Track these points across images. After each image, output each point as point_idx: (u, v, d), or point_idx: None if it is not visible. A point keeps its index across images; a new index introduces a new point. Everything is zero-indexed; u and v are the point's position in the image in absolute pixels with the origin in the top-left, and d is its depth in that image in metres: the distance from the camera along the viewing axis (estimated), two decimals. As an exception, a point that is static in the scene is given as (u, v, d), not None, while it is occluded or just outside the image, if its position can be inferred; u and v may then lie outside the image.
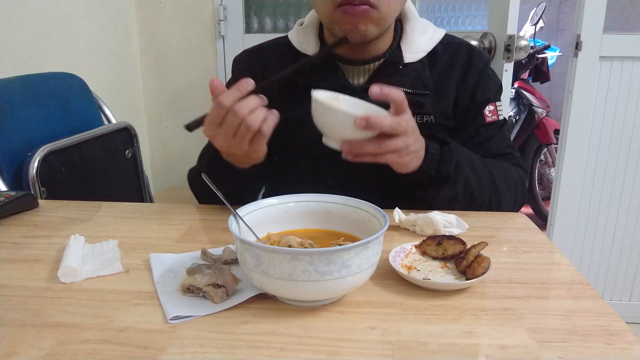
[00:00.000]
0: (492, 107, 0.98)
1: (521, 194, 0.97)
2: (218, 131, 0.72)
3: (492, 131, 0.98)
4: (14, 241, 0.78)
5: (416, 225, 0.79)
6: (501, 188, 0.91)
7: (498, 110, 0.99)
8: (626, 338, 0.52)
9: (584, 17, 1.75)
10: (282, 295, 0.58)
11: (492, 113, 0.98)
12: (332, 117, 0.70)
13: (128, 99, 2.36)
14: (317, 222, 0.70)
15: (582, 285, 0.64)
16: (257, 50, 1.05)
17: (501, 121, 0.99)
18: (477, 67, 0.97)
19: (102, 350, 0.50)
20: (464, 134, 0.98)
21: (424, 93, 0.93)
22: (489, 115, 0.97)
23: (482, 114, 0.97)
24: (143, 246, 0.75)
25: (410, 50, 0.94)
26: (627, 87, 1.82)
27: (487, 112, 0.97)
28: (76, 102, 1.43)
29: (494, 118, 0.98)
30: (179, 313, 0.56)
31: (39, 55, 1.71)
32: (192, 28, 2.38)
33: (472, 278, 0.62)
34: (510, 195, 0.93)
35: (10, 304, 0.59)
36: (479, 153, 0.95)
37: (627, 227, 1.97)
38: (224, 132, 0.71)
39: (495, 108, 0.98)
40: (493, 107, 0.98)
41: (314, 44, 0.96)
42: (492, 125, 0.98)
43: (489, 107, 0.97)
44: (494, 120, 0.98)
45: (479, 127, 0.97)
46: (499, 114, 0.98)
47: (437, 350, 0.51)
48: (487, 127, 0.97)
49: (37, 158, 1.16)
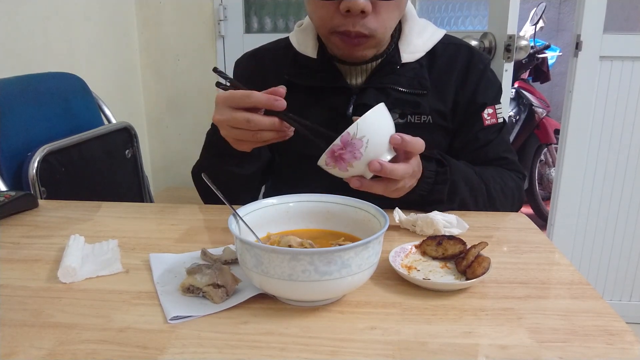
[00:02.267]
0: (492, 110, 0.98)
1: (518, 200, 0.98)
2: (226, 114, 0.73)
3: (490, 135, 0.98)
4: (14, 241, 0.78)
5: (416, 225, 0.79)
6: (497, 200, 0.93)
7: (497, 113, 0.99)
8: (626, 338, 0.52)
9: (584, 17, 1.76)
10: (282, 295, 0.58)
11: (491, 116, 0.98)
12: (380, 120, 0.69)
13: (128, 99, 2.36)
14: (317, 222, 0.70)
15: (582, 285, 0.64)
16: (256, 53, 1.05)
17: (500, 124, 0.99)
18: (477, 69, 0.97)
19: (102, 350, 0.50)
20: (462, 138, 0.98)
21: (421, 93, 0.93)
22: (487, 119, 0.97)
23: (481, 117, 0.97)
24: (143, 246, 0.75)
25: (408, 51, 0.94)
26: (627, 87, 1.83)
27: (486, 116, 0.97)
28: (76, 102, 1.43)
29: (493, 121, 0.98)
30: (179, 313, 0.56)
31: (39, 55, 1.71)
32: (192, 28, 2.38)
33: (472, 278, 0.62)
34: (507, 204, 0.95)
35: (10, 304, 0.59)
36: (476, 158, 0.96)
37: (627, 227, 1.97)
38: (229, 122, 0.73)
39: (495, 111, 0.98)
40: (492, 110, 0.98)
41: (312, 45, 0.96)
42: (491, 129, 0.98)
43: (488, 110, 0.97)
44: (493, 123, 0.98)
45: (477, 131, 0.97)
46: (497, 117, 0.99)
47: (437, 350, 0.51)
48: (486, 130, 0.98)
49: (37, 158, 1.16)
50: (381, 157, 0.69)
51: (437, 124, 0.95)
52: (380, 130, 0.69)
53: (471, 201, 0.89)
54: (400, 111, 0.93)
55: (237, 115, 0.71)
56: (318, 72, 0.94)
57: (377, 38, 0.86)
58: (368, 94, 0.92)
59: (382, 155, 0.70)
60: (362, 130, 0.66)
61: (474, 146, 0.98)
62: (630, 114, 1.85)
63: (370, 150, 0.68)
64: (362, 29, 0.83)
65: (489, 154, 0.98)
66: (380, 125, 0.69)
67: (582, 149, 1.90)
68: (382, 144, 0.69)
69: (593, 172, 1.93)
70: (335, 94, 0.94)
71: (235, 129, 0.73)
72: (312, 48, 0.96)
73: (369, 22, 0.83)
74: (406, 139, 0.69)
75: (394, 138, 0.69)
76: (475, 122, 0.97)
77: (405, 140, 0.69)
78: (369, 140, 0.67)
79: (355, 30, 0.83)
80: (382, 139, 0.69)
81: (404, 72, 0.93)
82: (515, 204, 0.97)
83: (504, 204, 0.94)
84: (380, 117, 0.69)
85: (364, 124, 0.66)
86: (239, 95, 0.71)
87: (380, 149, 0.69)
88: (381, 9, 0.83)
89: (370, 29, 0.83)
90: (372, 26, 0.83)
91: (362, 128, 0.66)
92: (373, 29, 0.83)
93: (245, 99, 0.71)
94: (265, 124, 0.71)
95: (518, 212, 0.91)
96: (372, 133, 0.67)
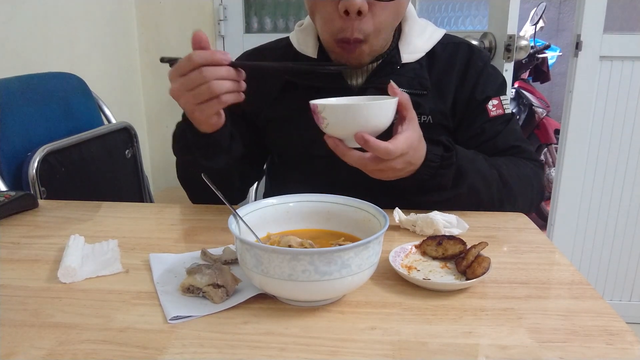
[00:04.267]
0: (497, 101, 0.96)
1: (538, 189, 0.95)
2: (179, 81, 0.73)
3: (498, 126, 0.96)
4: (14, 241, 0.78)
5: (416, 225, 0.79)
6: (515, 188, 0.89)
7: (503, 104, 0.96)
8: (626, 338, 0.52)
9: (584, 17, 1.76)
10: (282, 295, 0.58)
11: (497, 107, 0.96)
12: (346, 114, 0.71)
13: (128, 99, 2.36)
14: (317, 222, 0.70)
15: (582, 285, 0.64)
16: (256, 52, 1.05)
17: (508, 114, 0.97)
18: (477, 66, 0.97)
19: (102, 350, 0.50)
20: (468, 133, 0.96)
21: (421, 93, 0.93)
22: (493, 110, 0.95)
23: (485, 109, 0.95)
24: (143, 246, 0.75)
25: (408, 51, 0.94)
26: (627, 87, 1.83)
27: (491, 107, 0.95)
28: (76, 102, 1.43)
29: (500, 112, 0.96)
30: (179, 313, 0.56)
31: (39, 55, 1.71)
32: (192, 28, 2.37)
33: (472, 278, 0.62)
34: (526, 193, 0.92)
35: (10, 304, 0.59)
36: (486, 150, 0.94)
37: (627, 227, 1.97)
38: (185, 86, 0.73)
39: (500, 102, 0.96)
40: (497, 102, 0.96)
41: (313, 45, 0.96)
42: (498, 120, 0.96)
43: (493, 102, 0.96)
44: (499, 114, 0.96)
45: (483, 123, 0.95)
46: (504, 108, 0.96)
47: (437, 350, 0.50)
48: (493, 121, 0.96)
49: (37, 158, 1.16)
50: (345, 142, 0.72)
51: (437, 124, 0.95)
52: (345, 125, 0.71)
53: (483, 187, 0.86)
54: None
55: (190, 75, 0.71)
56: (318, 73, 0.94)
57: (370, 43, 0.86)
58: (368, 94, 0.92)
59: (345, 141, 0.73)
60: (326, 113, 0.71)
61: (482, 138, 0.95)
62: (630, 114, 1.85)
63: (331, 132, 0.72)
64: (358, 34, 0.83)
65: (499, 145, 0.95)
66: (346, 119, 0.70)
67: (582, 149, 1.90)
68: (344, 134, 0.72)
69: (593, 172, 1.93)
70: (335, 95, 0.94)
71: (191, 91, 0.73)
72: (313, 48, 0.96)
73: (364, 24, 0.83)
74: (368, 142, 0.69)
75: (357, 137, 0.70)
76: (477, 115, 0.95)
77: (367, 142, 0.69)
78: (329, 124, 0.71)
79: (354, 37, 0.83)
80: (343, 131, 0.71)
81: (404, 73, 0.93)
82: (535, 195, 0.94)
83: (523, 193, 0.91)
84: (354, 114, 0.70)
85: (327, 110, 0.70)
86: (184, 60, 0.72)
87: (342, 136, 0.72)
88: (377, 11, 0.83)
89: (365, 32, 0.83)
90: (367, 29, 0.83)
91: (326, 112, 0.71)
92: (367, 33, 0.83)
93: (190, 61, 0.71)
94: (220, 72, 0.71)
95: (518, 212, 0.90)
96: (334, 122, 0.71)
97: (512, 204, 0.91)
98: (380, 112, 0.71)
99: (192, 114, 0.77)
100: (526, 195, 0.92)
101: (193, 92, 0.72)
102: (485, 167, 0.87)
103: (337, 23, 0.83)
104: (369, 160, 0.72)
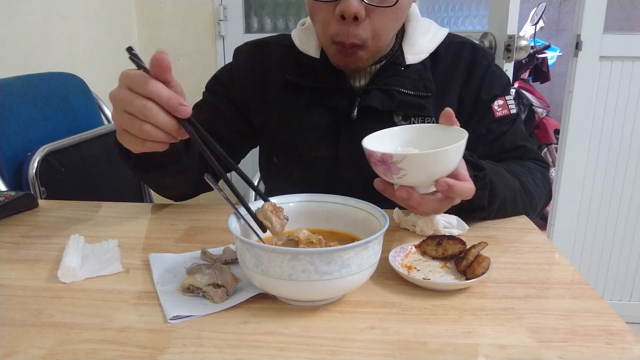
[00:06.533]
0: (502, 101, 0.95)
1: (549, 191, 0.95)
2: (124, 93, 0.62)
3: (504, 126, 0.95)
4: (14, 241, 0.78)
5: (416, 225, 0.79)
6: (535, 195, 0.88)
7: (509, 104, 0.96)
8: (626, 338, 0.52)
9: (584, 17, 1.76)
10: (282, 295, 0.58)
11: (502, 107, 0.95)
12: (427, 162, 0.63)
13: (128, 99, 2.36)
14: (317, 222, 0.70)
15: (582, 285, 0.64)
16: (261, 44, 1.03)
17: (513, 115, 0.96)
18: (481, 66, 0.96)
19: (102, 350, 0.50)
20: (474, 133, 0.94)
21: (425, 95, 0.92)
22: (498, 110, 0.95)
23: (491, 109, 0.95)
24: (143, 246, 0.75)
25: (412, 52, 0.93)
26: (627, 87, 1.83)
27: (497, 107, 0.95)
28: (76, 102, 1.43)
29: (505, 112, 0.95)
30: (179, 313, 0.56)
31: (39, 55, 1.71)
32: (192, 28, 2.38)
33: (472, 278, 0.62)
34: (542, 197, 0.91)
35: (10, 304, 0.59)
36: (493, 150, 0.93)
37: (627, 227, 1.97)
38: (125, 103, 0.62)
39: (505, 102, 0.96)
40: (503, 102, 0.95)
41: (315, 45, 0.95)
42: (504, 120, 0.95)
43: (498, 102, 0.95)
44: (505, 114, 0.95)
45: (489, 123, 0.95)
46: (510, 108, 0.96)
47: (437, 350, 0.51)
48: (499, 122, 0.95)
49: (37, 158, 1.16)
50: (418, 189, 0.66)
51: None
52: (425, 173, 0.63)
53: (510, 199, 0.83)
54: (403, 113, 0.92)
55: (135, 101, 0.61)
56: (321, 73, 0.94)
57: (369, 48, 0.84)
58: (372, 96, 0.91)
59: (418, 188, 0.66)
60: (404, 163, 0.62)
61: (488, 139, 0.95)
62: (630, 114, 1.85)
63: (405, 182, 0.64)
64: (355, 40, 0.82)
65: (505, 145, 0.95)
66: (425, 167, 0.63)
67: (582, 149, 1.90)
68: (422, 182, 0.65)
69: (593, 172, 1.93)
70: (338, 96, 0.93)
71: (126, 113, 0.62)
72: (315, 48, 0.95)
73: (361, 30, 0.81)
74: (454, 187, 0.64)
75: (440, 184, 0.63)
76: (484, 115, 0.95)
77: (452, 188, 0.64)
78: (407, 174, 0.63)
79: (349, 42, 0.82)
80: (423, 180, 0.64)
81: (409, 74, 0.92)
82: (547, 198, 0.93)
83: (541, 197, 0.90)
84: (436, 160, 0.62)
85: (407, 160, 0.61)
86: (142, 78, 0.60)
87: (418, 184, 0.65)
88: (375, 17, 0.81)
89: (362, 38, 0.82)
90: (364, 35, 0.82)
91: (406, 162, 0.61)
92: (365, 39, 0.82)
93: (145, 86, 0.60)
94: (163, 121, 0.61)
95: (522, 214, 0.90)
96: (412, 172, 0.63)
97: (534, 210, 0.90)
98: (459, 154, 0.65)
99: (119, 133, 0.67)
100: (542, 199, 0.92)
101: (126, 117, 0.62)
102: (509, 178, 0.85)
103: (334, 26, 0.82)
104: (442, 201, 0.67)
